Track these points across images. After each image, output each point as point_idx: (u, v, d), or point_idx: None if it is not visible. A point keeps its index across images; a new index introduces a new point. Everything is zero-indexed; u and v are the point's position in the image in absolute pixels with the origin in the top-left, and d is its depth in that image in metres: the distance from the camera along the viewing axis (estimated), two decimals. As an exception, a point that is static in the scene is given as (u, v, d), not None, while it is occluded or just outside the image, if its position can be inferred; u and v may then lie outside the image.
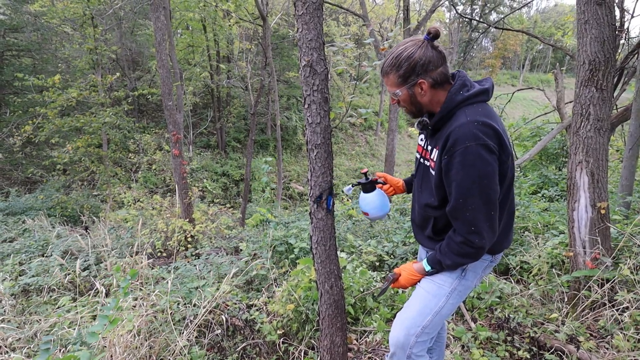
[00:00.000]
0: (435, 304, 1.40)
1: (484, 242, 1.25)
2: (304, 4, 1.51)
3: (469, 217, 1.23)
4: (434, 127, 1.37)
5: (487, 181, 1.20)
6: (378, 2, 23.82)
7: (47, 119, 9.43)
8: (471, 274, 1.42)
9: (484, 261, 1.43)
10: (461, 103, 1.27)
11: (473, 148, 1.18)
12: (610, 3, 2.34)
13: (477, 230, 1.23)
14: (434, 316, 1.40)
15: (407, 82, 1.32)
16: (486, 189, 1.20)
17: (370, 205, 1.70)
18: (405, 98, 1.36)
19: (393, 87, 1.36)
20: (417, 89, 1.32)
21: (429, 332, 1.43)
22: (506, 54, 43.46)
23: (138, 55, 18.35)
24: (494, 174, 1.21)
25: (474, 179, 1.19)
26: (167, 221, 5.69)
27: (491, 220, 1.24)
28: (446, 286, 1.40)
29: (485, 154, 1.18)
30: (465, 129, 1.20)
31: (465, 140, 1.19)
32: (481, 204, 1.21)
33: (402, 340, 1.42)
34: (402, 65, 1.30)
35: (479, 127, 1.20)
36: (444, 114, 1.30)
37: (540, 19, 50.62)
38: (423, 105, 1.37)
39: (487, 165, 1.19)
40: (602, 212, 2.34)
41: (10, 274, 3.53)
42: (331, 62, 2.02)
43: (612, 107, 5.79)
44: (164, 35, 5.43)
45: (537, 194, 5.61)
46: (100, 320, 1.27)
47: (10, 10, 11.97)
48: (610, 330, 2.02)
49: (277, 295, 2.56)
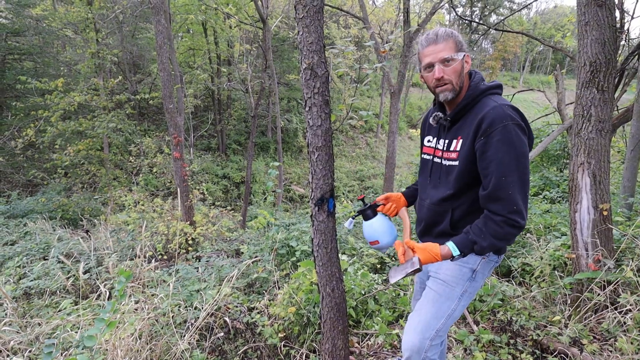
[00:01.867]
0: (449, 307, 1.40)
1: (524, 222, 1.25)
2: (305, 7, 1.52)
3: (511, 195, 1.23)
4: (453, 119, 1.39)
5: (524, 160, 1.24)
6: (378, 5, 23.89)
7: (50, 122, 9.45)
8: (480, 275, 1.42)
9: (490, 262, 1.43)
10: (485, 92, 1.34)
11: (511, 127, 1.23)
12: (611, 4, 2.34)
13: (518, 209, 1.23)
14: (447, 319, 1.40)
15: (462, 50, 1.35)
16: (523, 167, 1.24)
17: (377, 232, 1.61)
18: (457, 67, 1.35)
19: (452, 51, 1.33)
20: (465, 62, 1.36)
21: (442, 335, 1.42)
22: (506, 55, 43.46)
23: (139, 58, 18.41)
24: (526, 156, 1.25)
25: (513, 156, 1.22)
26: (168, 224, 5.69)
27: (527, 201, 1.26)
28: (458, 289, 1.40)
29: (521, 133, 1.24)
30: (499, 110, 1.25)
31: (502, 120, 1.23)
32: (520, 183, 1.23)
33: (417, 345, 1.41)
34: (457, 35, 1.35)
35: (510, 109, 1.26)
36: (469, 101, 1.35)
37: (540, 21, 50.70)
38: (462, 82, 1.37)
39: (523, 144, 1.24)
40: (604, 213, 2.33)
41: (12, 277, 3.53)
42: (331, 64, 2.02)
43: (613, 108, 5.81)
44: (164, 38, 5.45)
45: (539, 196, 5.60)
46: (97, 323, 1.26)
47: (12, 14, 12.02)
48: (613, 332, 2.01)
49: (279, 298, 2.55)
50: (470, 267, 1.40)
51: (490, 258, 1.41)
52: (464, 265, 1.41)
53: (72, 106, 9.44)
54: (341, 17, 23.41)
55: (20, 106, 10.22)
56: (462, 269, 1.41)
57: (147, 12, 14.68)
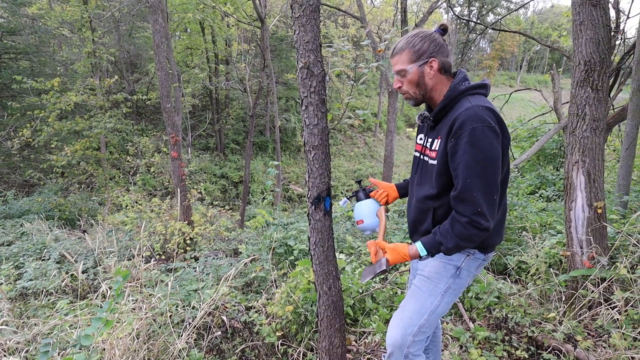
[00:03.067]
0: (431, 303, 1.42)
1: (488, 224, 1.26)
2: (301, 6, 1.52)
3: (476, 197, 1.24)
4: (435, 118, 1.41)
5: (492, 163, 1.23)
6: (376, 4, 23.88)
7: (46, 122, 9.41)
8: (465, 273, 1.43)
9: (476, 260, 1.44)
10: (464, 92, 1.34)
11: (479, 129, 1.22)
12: (605, 4, 2.36)
13: (482, 212, 1.24)
14: (430, 315, 1.42)
15: (419, 59, 1.36)
16: (490, 171, 1.24)
17: (364, 212, 1.66)
18: (414, 78, 1.38)
19: (405, 64, 1.38)
20: (427, 68, 1.37)
21: (425, 331, 1.44)
22: (504, 55, 43.62)
23: (136, 57, 18.36)
24: (498, 158, 1.25)
25: (479, 160, 1.22)
26: (165, 224, 5.68)
27: (493, 204, 1.26)
28: (441, 285, 1.42)
29: (491, 136, 1.23)
30: (471, 111, 1.25)
31: (472, 122, 1.23)
32: (484, 186, 1.23)
33: (399, 340, 1.43)
34: (416, 43, 1.36)
35: (484, 110, 1.25)
36: (447, 102, 1.36)
37: (538, 20, 50.85)
38: (428, 88, 1.40)
39: (492, 148, 1.23)
40: (598, 211, 2.35)
41: (8, 277, 3.52)
42: (329, 63, 2.03)
43: (609, 108, 5.84)
44: (162, 37, 5.43)
45: (535, 194, 5.63)
46: (94, 323, 1.27)
47: (7, 13, 11.95)
48: (607, 329, 2.03)
49: (276, 297, 2.56)
50: (454, 265, 1.42)
51: (476, 256, 1.43)
52: (449, 263, 1.43)
53: (69, 106, 9.41)
54: (339, 16, 23.40)
55: (17, 106, 10.16)
56: (447, 266, 1.43)
57: (145, 10, 14.63)
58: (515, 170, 6.21)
